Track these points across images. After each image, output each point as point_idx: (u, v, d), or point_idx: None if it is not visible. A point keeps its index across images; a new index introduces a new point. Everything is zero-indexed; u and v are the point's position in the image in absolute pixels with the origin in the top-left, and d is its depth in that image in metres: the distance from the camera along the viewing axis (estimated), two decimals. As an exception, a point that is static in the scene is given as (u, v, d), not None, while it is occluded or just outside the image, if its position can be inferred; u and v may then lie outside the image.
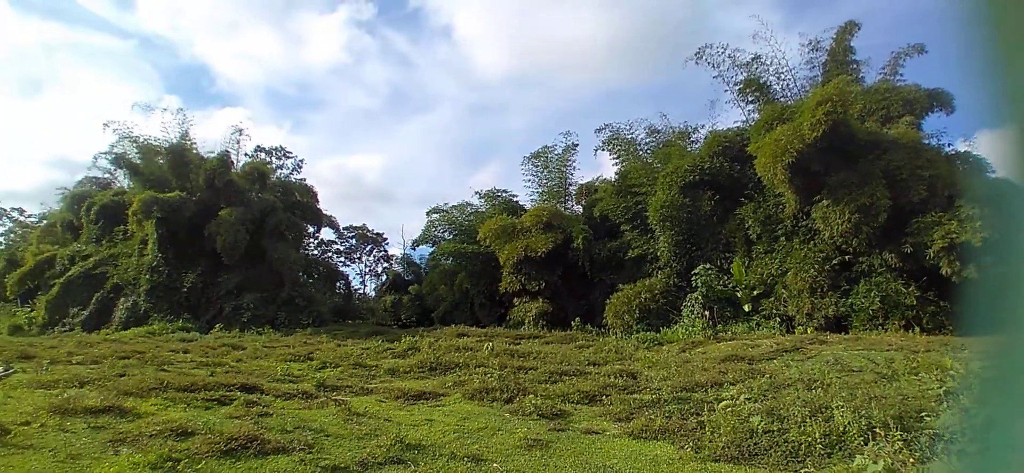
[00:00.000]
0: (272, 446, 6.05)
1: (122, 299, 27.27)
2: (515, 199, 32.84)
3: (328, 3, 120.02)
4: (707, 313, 18.82)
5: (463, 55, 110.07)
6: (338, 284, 36.20)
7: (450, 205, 34.37)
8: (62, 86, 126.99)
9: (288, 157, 38.62)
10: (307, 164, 58.21)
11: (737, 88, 24.40)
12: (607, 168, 40.35)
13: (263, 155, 37.21)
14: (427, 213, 35.06)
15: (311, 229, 36.00)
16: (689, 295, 20.26)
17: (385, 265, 48.07)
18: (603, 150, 28.85)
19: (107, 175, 37.44)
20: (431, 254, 34.82)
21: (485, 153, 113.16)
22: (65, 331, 25.91)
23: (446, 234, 33.83)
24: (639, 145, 27.80)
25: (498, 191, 33.46)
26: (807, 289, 18.00)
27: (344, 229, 44.90)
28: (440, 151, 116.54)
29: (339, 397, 9.27)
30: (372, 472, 5.68)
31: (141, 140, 31.76)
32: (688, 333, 17.98)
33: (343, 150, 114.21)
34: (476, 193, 34.18)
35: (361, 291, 45.30)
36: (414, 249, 38.95)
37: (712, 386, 9.57)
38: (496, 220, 28.15)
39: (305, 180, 36.53)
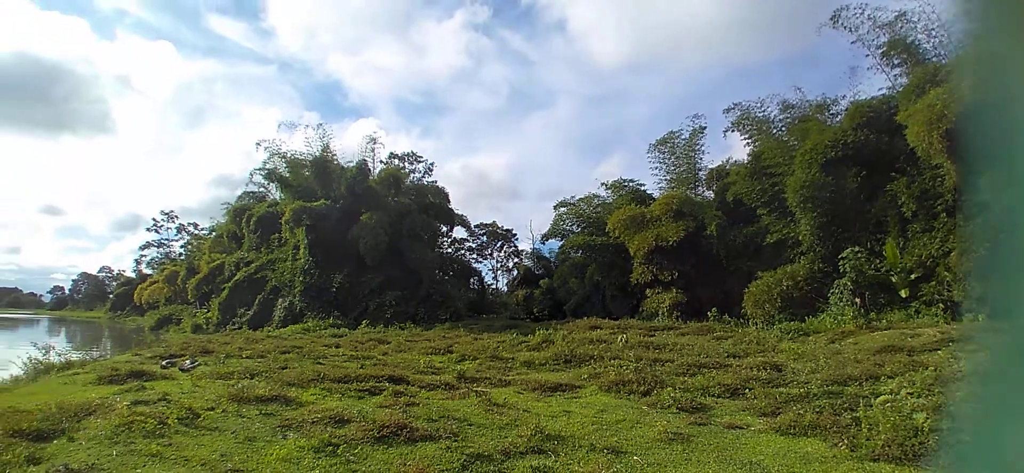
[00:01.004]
0: (420, 434, 6.38)
1: (280, 299, 29.97)
2: (642, 188, 32.17)
3: (445, 10, 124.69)
4: (858, 300, 17.41)
5: (579, 47, 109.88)
6: (472, 280, 37.33)
7: (577, 198, 34.37)
8: (219, 113, 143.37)
9: (419, 161, 40.40)
10: (437, 167, 60.49)
11: (880, 51, 22.20)
12: (738, 150, 38.52)
13: (396, 161, 39.18)
14: (554, 207, 35.33)
15: (444, 228, 37.43)
16: (836, 281, 18.79)
17: (515, 260, 49.01)
18: (733, 131, 27.50)
19: (262, 189, 41.11)
20: (560, 247, 35.05)
21: (609, 143, 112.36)
22: (234, 329, 28.87)
23: (574, 227, 33.84)
24: (772, 123, 26.12)
25: (624, 181, 32.99)
26: (977, 270, 16.11)
27: (475, 227, 46.36)
28: (563, 145, 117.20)
29: (479, 388, 9.59)
30: (514, 461, 5.80)
31: (288, 155, 34.71)
32: (837, 322, 16.76)
33: (469, 151, 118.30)
34: (602, 184, 33.93)
35: (494, 286, 46.52)
36: (543, 243, 39.46)
37: (867, 380, 8.90)
38: (624, 210, 27.76)
39: (436, 182, 38.02)
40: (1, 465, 5.06)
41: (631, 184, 32.65)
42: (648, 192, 31.64)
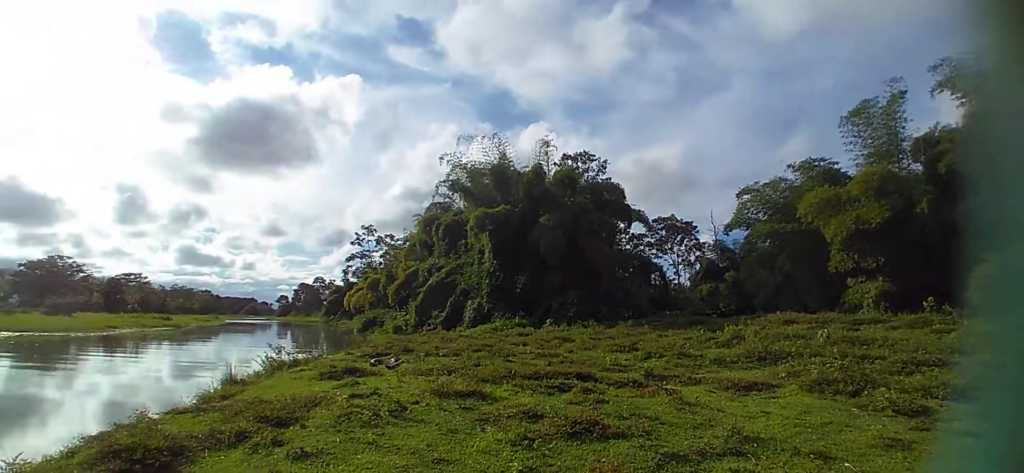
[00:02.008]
0: (612, 431, 6.37)
1: (469, 301, 31.72)
2: (836, 166, 29.66)
3: (603, 6, 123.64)
4: None
5: (748, 21, 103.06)
6: (652, 276, 36.69)
7: (761, 183, 32.55)
8: (404, 132, 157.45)
9: (591, 160, 40.42)
10: (609, 163, 60.11)
11: None
12: (949, 113, 33.62)
13: (569, 162, 39.56)
14: (737, 195, 33.76)
15: (621, 225, 37.14)
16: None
17: (697, 253, 47.36)
18: (941, 91, 24.13)
19: (447, 199, 43.78)
20: (746, 238, 33.32)
21: (791, 121, 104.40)
22: (430, 329, 31.04)
23: (760, 214, 32.04)
24: (994, 74, 22.44)
25: (814, 161, 30.61)
26: None
27: (652, 221, 45.44)
28: (740, 128, 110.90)
29: (668, 386, 9.36)
30: (711, 463, 5.55)
31: (468, 166, 36.77)
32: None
33: (640, 144, 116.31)
34: (788, 166, 31.84)
35: (676, 282, 45.27)
36: (726, 234, 37.83)
37: None
38: (816, 193, 25.65)
39: (610, 179, 37.81)
40: (253, 445, 5.93)
41: (822, 163, 30.19)
42: (842, 170, 29.08)
